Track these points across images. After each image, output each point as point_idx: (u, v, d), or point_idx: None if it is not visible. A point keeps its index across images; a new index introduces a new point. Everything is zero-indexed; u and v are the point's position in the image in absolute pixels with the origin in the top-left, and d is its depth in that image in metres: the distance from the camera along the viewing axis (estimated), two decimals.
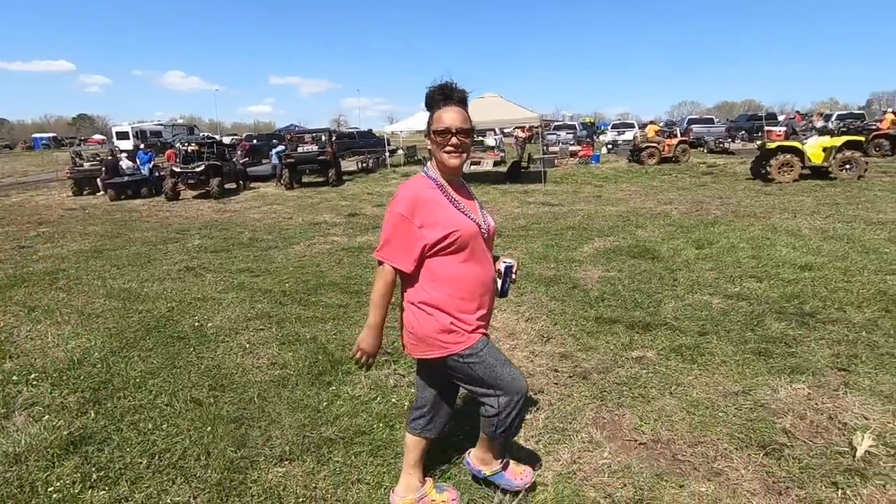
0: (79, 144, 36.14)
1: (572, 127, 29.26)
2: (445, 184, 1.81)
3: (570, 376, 3.12)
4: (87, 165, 15.52)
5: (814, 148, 11.32)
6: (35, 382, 3.25)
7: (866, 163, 11.24)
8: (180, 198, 13.40)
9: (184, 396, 3.00)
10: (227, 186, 14.10)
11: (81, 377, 3.31)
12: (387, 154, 20.70)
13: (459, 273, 1.78)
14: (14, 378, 3.30)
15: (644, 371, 3.12)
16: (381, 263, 1.78)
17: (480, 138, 26.39)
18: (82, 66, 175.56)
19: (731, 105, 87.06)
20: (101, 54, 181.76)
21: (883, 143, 16.23)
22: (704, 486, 2.15)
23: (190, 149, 14.94)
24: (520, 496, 2.10)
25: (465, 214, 1.80)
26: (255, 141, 26.54)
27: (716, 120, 29.81)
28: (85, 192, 15.01)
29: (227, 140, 25.29)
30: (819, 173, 11.56)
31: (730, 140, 22.91)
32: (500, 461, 2.11)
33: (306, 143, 16.50)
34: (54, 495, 2.16)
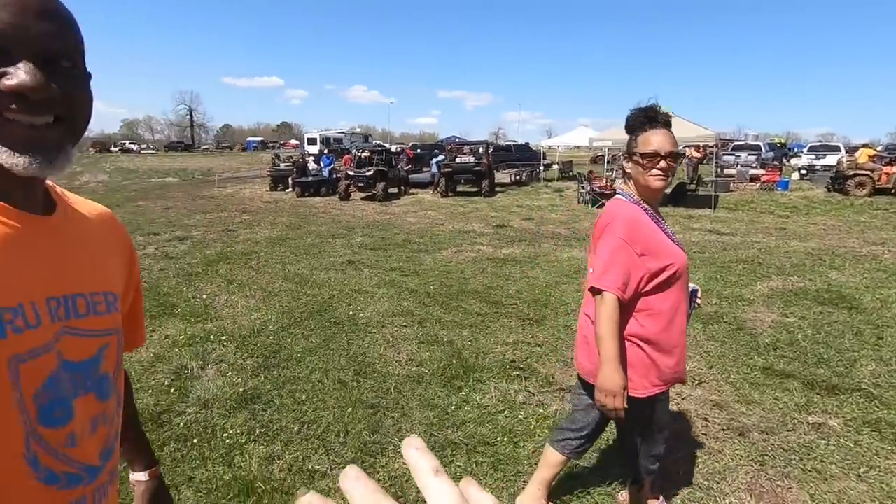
0: (278, 148, 42.75)
1: (756, 147, 25.80)
2: (647, 206, 1.73)
3: (723, 429, 2.74)
4: (282, 166, 18.25)
5: None
6: (225, 343, 3.90)
7: None
8: (350, 198, 14.99)
9: (333, 376, 3.33)
10: (390, 190, 15.38)
11: (258, 345, 3.88)
12: (541, 168, 20.60)
13: (670, 307, 1.69)
14: (211, 337, 4.00)
15: (823, 442, 2.60)
16: (598, 292, 1.63)
17: None
18: (289, 81, 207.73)
19: None
20: (303, 71, 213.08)
21: None
22: None
23: (363, 155, 16.64)
24: None
25: (677, 244, 1.73)
26: (418, 150, 28.51)
27: None
28: (279, 188, 17.65)
29: (394, 148, 27.63)
30: None
31: None
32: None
33: (464, 153, 17.22)
34: (227, 441, 2.57)
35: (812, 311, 4.63)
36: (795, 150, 33.08)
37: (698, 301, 1.87)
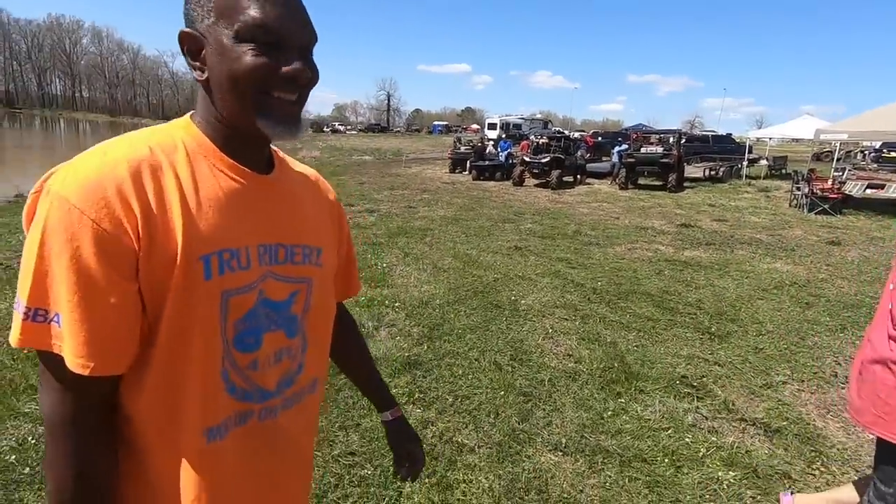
0: (460, 132, 44.77)
1: None
2: None
3: None
4: (462, 149, 19.09)
5: None
6: (397, 310, 4.26)
7: None
8: (524, 184, 15.00)
9: (489, 357, 3.40)
10: (565, 179, 14.98)
11: (424, 315, 4.15)
12: (744, 163, 17.91)
13: None
14: (386, 302, 4.41)
15: None
16: None
17: (894, 154, 19.87)
18: (476, 67, 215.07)
19: None
20: (490, 57, 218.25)
21: None
22: None
23: (541, 141, 16.46)
24: None
25: None
26: (599, 138, 27.16)
27: None
28: (457, 171, 18.54)
29: (574, 135, 26.75)
30: None
31: None
32: None
33: (651, 143, 15.86)
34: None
35: None
36: None
37: None
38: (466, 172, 17.63)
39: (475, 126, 57.14)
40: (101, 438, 0.68)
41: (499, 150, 18.13)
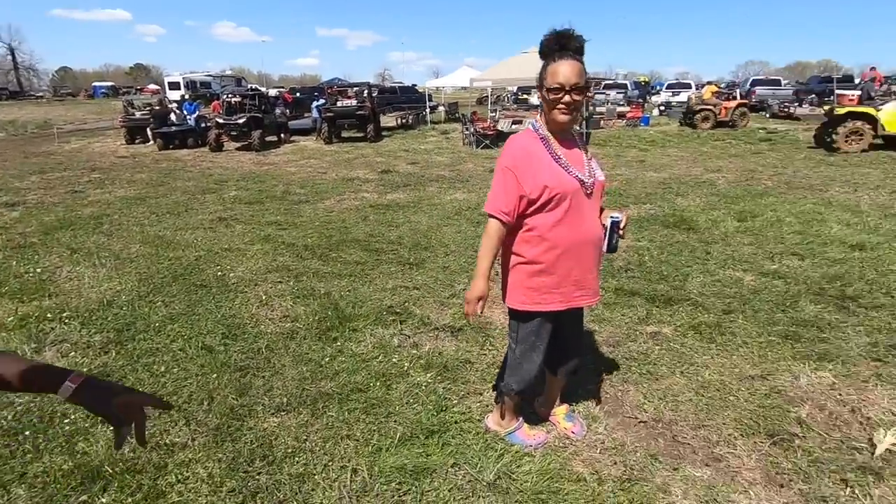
0: (134, 94, 37.40)
1: (623, 86, 27.69)
2: (550, 137, 1.81)
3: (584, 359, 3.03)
4: (138, 115, 16.04)
5: (890, 115, 10.27)
6: (67, 321, 3.45)
7: None
8: (223, 149, 13.70)
9: (197, 343, 3.11)
10: (267, 139, 14.28)
11: (108, 318, 3.49)
12: (427, 110, 20.35)
13: (550, 230, 1.81)
14: (48, 315, 3.51)
15: (657, 347, 2.99)
16: (490, 217, 1.83)
17: (525, 96, 25.48)
18: (138, 15, 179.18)
19: (804, 65, 79.70)
20: (155, 3, 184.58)
21: None
22: (700, 470, 2.06)
23: (234, 101, 15.13)
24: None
25: (566, 170, 1.78)
26: (297, 94, 26.63)
27: (783, 82, 27.50)
28: (137, 141, 15.57)
29: (272, 92, 25.49)
30: (894, 144, 10.53)
31: (797, 104, 21.12)
32: (517, 422, 2.26)
33: (347, 97, 16.38)
34: (67, 428, 2.31)
35: (659, 234, 5.21)
36: (657, 88, 36.04)
37: (620, 232, 1.88)
38: (151, 142, 15.00)
39: (153, 86, 48.40)
40: None
41: (186, 112, 15.90)
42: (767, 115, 20.20)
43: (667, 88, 28.11)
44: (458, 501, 1.91)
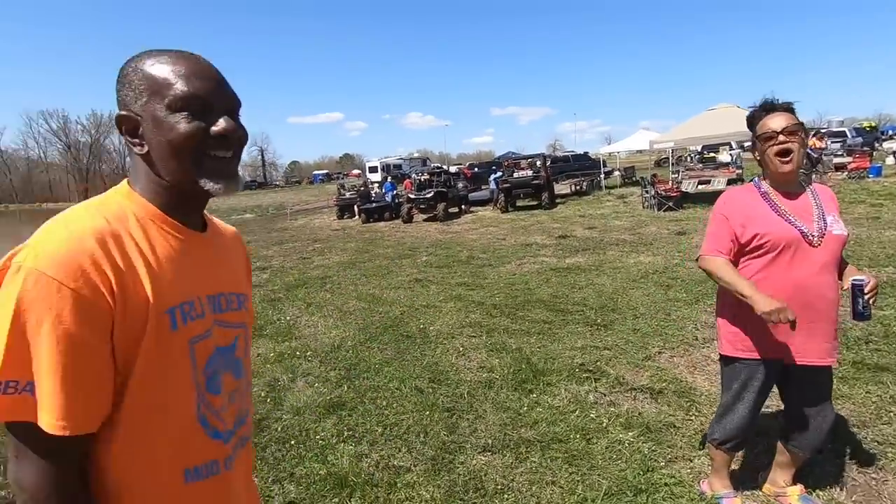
0: (342, 178, 44.79)
1: (840, 134, 23.86)
2: (771, 191, 1.85)
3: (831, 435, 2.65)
4: (347, 195, 19.20)
5: None
6: (310, 358, 4.24)
7: None
8: (413, 220, 15.47)
9: (409, 384, 3.54)
10: (450, 210, 15.73)
11: (339, 359, 4.18)
12: (601, 176, 20.23)
13: (763, 277, 1.80)
14: (297, 353, 4.36)
15: None
16: (704, 259, 1.88)
17: (713, 154, 23.67)
18: (348, 115, 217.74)
19: None
20: (361, 104, 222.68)
21: None
22: None
23: (422, 178, 17.18)
24: None
25: (784, 218, 1.79)
26: (475, 169, 28.88)
27: None
28: (345, 217, 18.55)
29: (452, 169, 28.19)
30: None
31: None
32: (726, 490, 2.12)
33: (522, 168, 17.30)
34: (320, 442, 2.83)
35: None
36: (889, 132, 30.24)
37: (867, 296, 1.70)
38: (356, 217, 17.73)
39: (356, 171, 57.45)
40: (83, 498, 0.73)
41: (384, 191, 18.53)
42: None
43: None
44: None
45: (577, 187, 19.32)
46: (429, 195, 15.31)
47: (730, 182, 16.26)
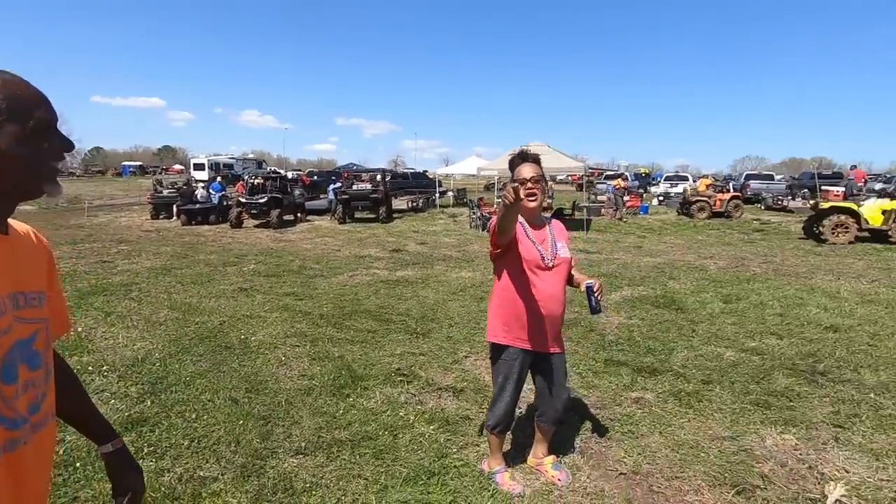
0: (160, 173, 39.66)
1: (624, 176, 29.21)
2: (524, 220, 2.37)
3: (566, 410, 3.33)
4: (165, 192, 17.19)
5: (872, 210, 10.93)
6: (105, 374, 3.82)
7: None
8: (243, 226, 14.54)
9: (224, 395, 3.45)
10: (285, 218, 15.17)
11: (143, 373, 3.85)
12: (437, 195, 21.51)
13: (515, 282, 2.33)
14: (90, 369, 3.89)
15: (639, 411, 3.29)
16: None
17: None
18: (172, 103, 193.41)
19: (798, 162, 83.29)
20: (189, 93, 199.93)
21: None
22: None
23: (256, 181, 16.27)
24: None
25: (533, 244, 2.34)
26: (315, 177, 28.26)
27: (777, 176, 28.91)
28: (161, 216, 16.56)
29: (290, 175, 27.12)
30: (880, 237, 11.09)
31: (789, 198, 22.13)
32: (499, 466, 2.55)
33: (362, 181, 17.54)
34: None
35: (650, 313, 5.59)
36: (657, 179, 37.82)
37: (596, 294, 2.33)
38: (174, 218, 15.95)
39: (178, 166, 51.31)
40: None
41: (211, 191, 17.02)
42: (762, 207, 21.14)
43: (665, 180, 29.55)
44: None
45: (414, 204, 20.24)
46: (262, 200, 14.59)
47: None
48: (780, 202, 20.78)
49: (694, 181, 25.04)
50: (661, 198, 24.50)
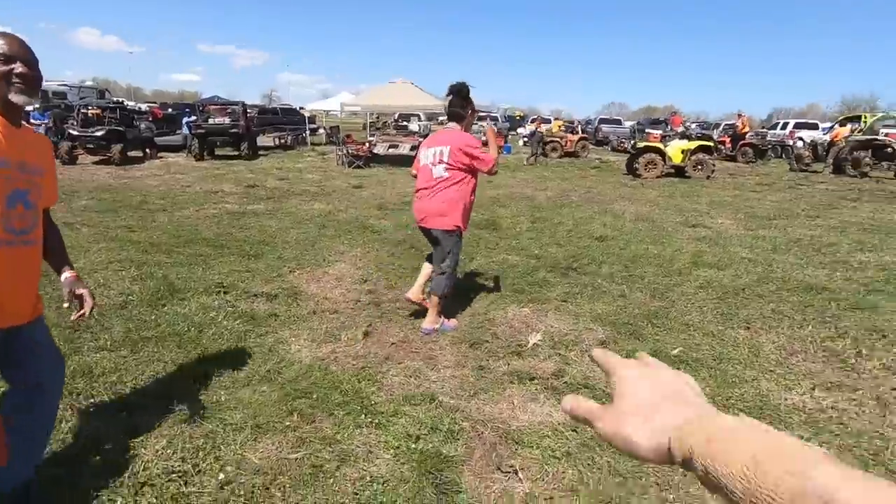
0: None
1: (494, 118, 30.53)
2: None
3: (368, 303, 3.99)
4: None
5: (674, 150, 13.04)
6: None
7: (713, 164, 13.12)
8: (77, 162, 13.07)
9: None
10: (131, 154, 13.88)
11: None
12: (307, 132, 20.87)
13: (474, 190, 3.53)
14: None
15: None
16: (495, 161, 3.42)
17: (404, 123, 27.00)
18: None
19: (653, 109, 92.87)
20: (4, 1, 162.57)
21: (748, 151, 18.62)
22: (416, 363, 3.07)
23: (91, 112, 14.50)
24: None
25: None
26: (169, 110, 25.57)
27: (627, 123, 32.24)
28: None
29: (142, 107, 24.26)
30: (681, 173, 13.31)
31: (632, 141, 25.00)
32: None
33: (220, 114, 16.42)
34: None
35: (471, 232, 6.44)
36: (528, 122, 39.97)
37: None
38: None
39: None
40: None
41: (33, 122, 14.81)
42: (609, 149, 23.72)
43: (530, 122, 31.49)
44: (240, 386, 2.71)
45: (282, 141, 19.51)
46: (98, 133, 13.14)
47: (412, 148, 19.14)
48: (622, 144, 23.43)
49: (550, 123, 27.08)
50: (525, 139, 26.20)
